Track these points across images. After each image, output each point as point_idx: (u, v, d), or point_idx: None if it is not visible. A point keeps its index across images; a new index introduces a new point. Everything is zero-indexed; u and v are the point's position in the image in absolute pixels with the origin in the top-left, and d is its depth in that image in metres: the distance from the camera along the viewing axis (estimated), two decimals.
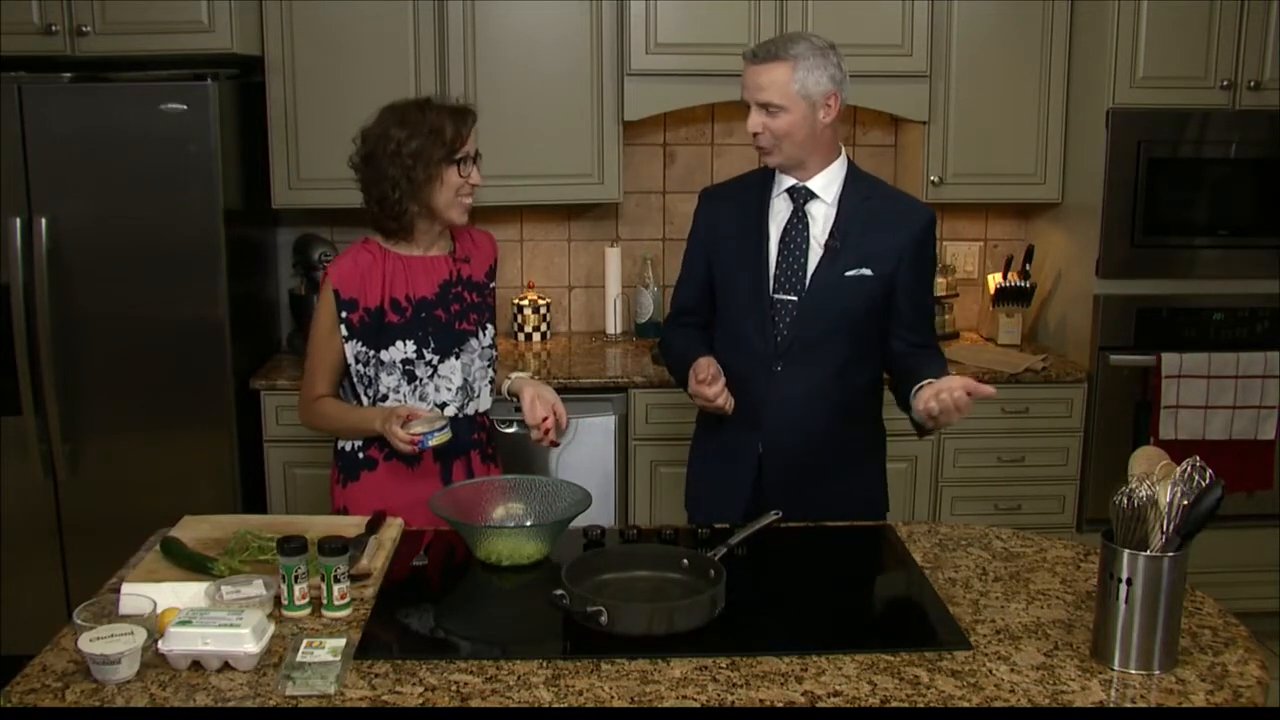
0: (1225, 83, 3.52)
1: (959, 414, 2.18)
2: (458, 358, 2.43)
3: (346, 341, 2.37)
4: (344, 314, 2.36)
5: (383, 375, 2.39)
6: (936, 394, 2.18)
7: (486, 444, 2.54)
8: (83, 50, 3.34)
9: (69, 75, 3.30)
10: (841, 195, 2.38)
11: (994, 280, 4.01)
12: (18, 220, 3.24)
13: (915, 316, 2.41)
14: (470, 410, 2.47)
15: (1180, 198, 3.59)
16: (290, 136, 3.59)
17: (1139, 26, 3.49)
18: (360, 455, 2.44)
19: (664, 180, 4.07)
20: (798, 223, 2.39)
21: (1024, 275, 3.94)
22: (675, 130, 4.04)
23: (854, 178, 2.41)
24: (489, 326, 2.50)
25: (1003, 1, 3.66)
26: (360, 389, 2.41)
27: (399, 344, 2.38)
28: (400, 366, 2.39)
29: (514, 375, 2.54)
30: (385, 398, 2.40)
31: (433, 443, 2.28)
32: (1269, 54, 3.50)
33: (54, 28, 3.30)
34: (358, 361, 2.38)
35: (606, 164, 3.71)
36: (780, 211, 2.41)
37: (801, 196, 2.39)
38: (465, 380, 2.44)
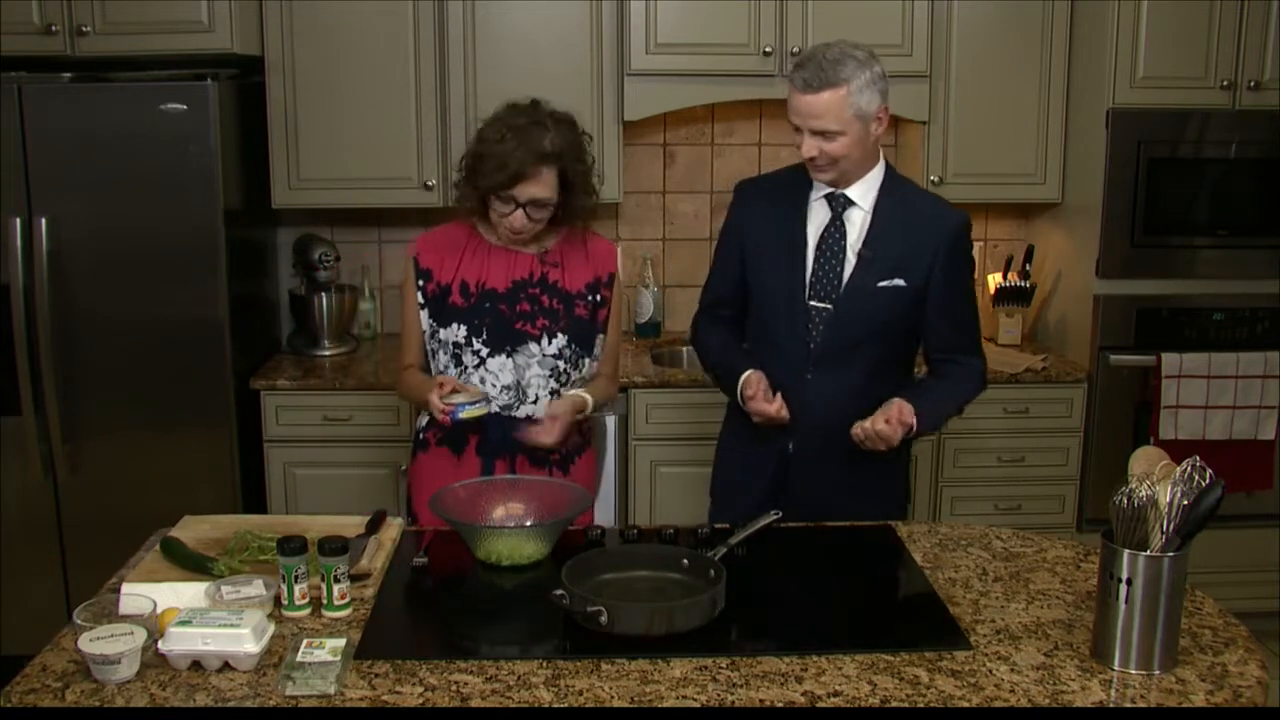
0: (1225, 83, 3.52)
1: (883, 443, 2.25)
2: (510, 356, 2.41)
3: (421, 309, 2.44)
4: (420, 282, 2.43)
5: (440, 354, 2.44)
6: (863, 422, 2.26)
7: (549, 450, 2.44)
8: (83, 50, 3.33)
9: (69, 75, 3.30)
10: (877, 202, 2.36)
11: (994, 280, 4.01)
12: (18, 220, 3.24)
13: (944, 326, 2.39)
14: (521, 413, 2.43)
15: (1180, 198, 3.59)
16: (290, 136, 3.59)
17: (1139, 26, 3.48)
18: (420, 436, 2.52)
19: (664, 180, 4.07)
20: (834, 230, 2.36)
21: (1024, 275, 3.94)
22: (675, 130, 4.04)
23: (890, 183, 2.38)
24: (560, 336, 2.42)
25: (1003, 1, 3.66)
26: (432, 362, 2.48)
27: (454, 326, 2.42)
28: (451, 349, 2.42)
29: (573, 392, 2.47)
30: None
31: (463, 415, 2.31)
32: (1269, 54, 3.50)
33: (54, 28, 3.30)
34: (426, 332, 2.45)
35: (606, 164, 3.70)
36: (818, 216, 2.38)
37: (840, 204, 2.37)
38: (517, 381, 2.42)
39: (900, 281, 2.33)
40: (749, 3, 3.57)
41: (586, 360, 2.48)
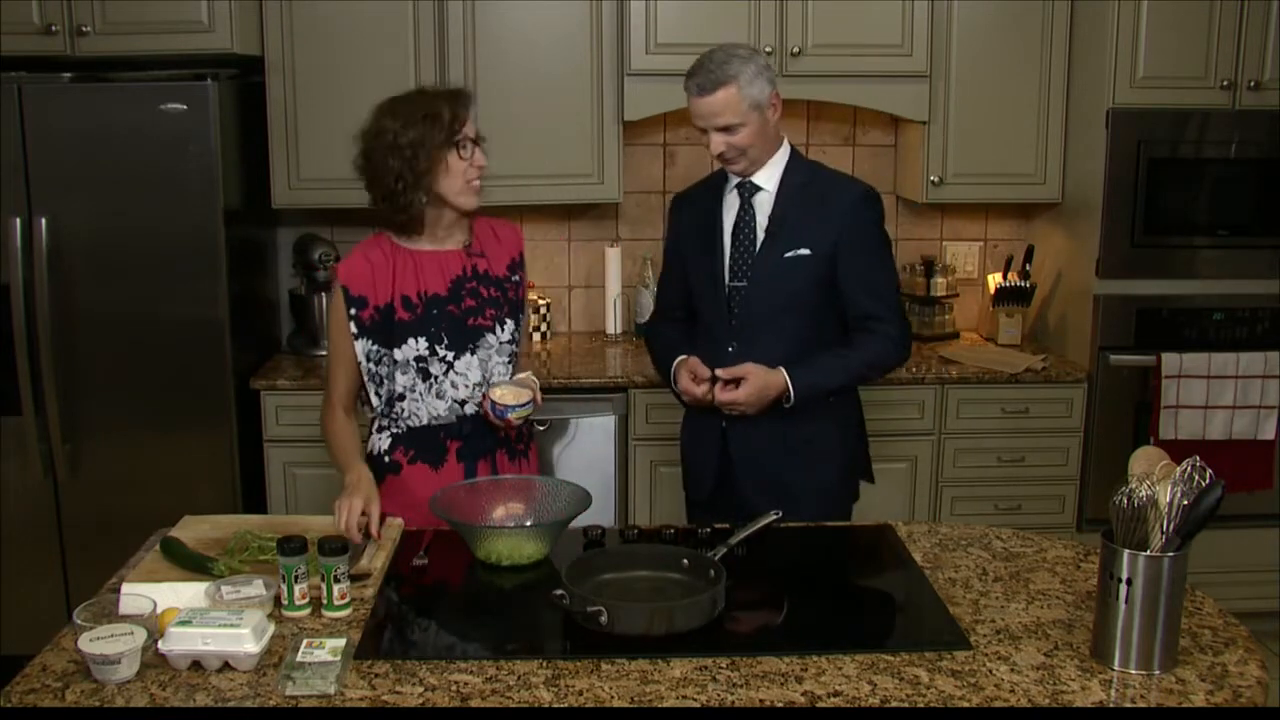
0: (1225, 83, 3.52)
1: (736, 408, 2.45)
2: (473, 353, 2.40)
3: (356, 339, 2.35)
4: (353, 311, 2.34)
5: (397, 374, 2.37)
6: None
7: (516, 441, 2.50)
8: (83, 50, 3.34)
9: (69, 75, 3.30)
10: (782, 183, 2.52)
11: (994, 280, 4.01)
12: (18, 220, 3.24)
13: (857, 292, 2.50)
14: None
15: (1180, 198, 3.59)
16: (290, 136, 3.59)
17: (1139, 26, 3.48)
18: (386, 459, 2.42)
19: (664, 180, 4.07)
20: (745, 214, 2.54)
21: (1024, 275, 3.94)
22: (675, 130, 4.04)
23: (794, 166, 2.54)
24: (508, 321, 2.45)
25: (1003, 1, 3.66)
26: (371, 388, 2.39)
27: (411, 341, 2.36)
28: (414, 364, 2.37)
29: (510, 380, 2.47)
30: (401, 396, 2.38)
31: (512, 416, 2.32)
32: (1269, 54, 3.50)
33: (54, 28, 3.30)
34: (369, 360, 2.36)
35: (606, 164, 3.71)
36: (732, 206, 2.56)
37: (748, 190, 2.54)
38: (484, 376, 2.41)
39: (805, 251, 2.47)
40: (749, 3, 3.57)
41: (521, 340, 2.54)
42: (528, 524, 2.17)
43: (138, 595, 1.78)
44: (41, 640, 1.81)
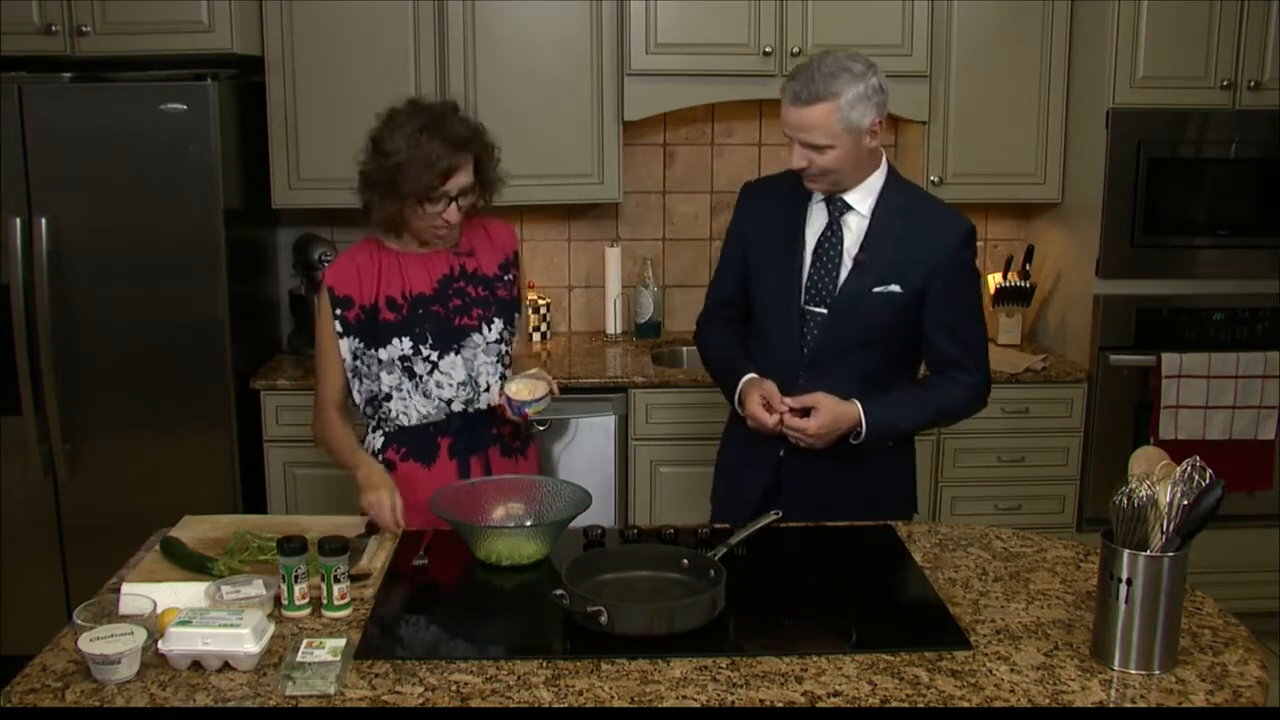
0: (1225, 83, 3.52)
1: (803, 439, 2.27)
2: (458, 353, 2.40)
3: (341, 338, 2.36)
4: (338, 311, 2.36)
5: (382, 374, 2.38)
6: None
7: (510, 438, 2.51)
8: (83, 50, 3.34)
9: (69, 75, 3.30)
10: (876, 208, 2.32)
11: (994, 280, 4.01)
12: (18, 220, 3.24)
13: (941, 337, 2.33)
14: (483, 404, 2.44)
15: (1180, 198, 3.59)
16: (290, 136, 3.59)
17: (1139, 26, 3.48)
18: (380, 458, 2.42)
19: (664, 180, 4.07)
20: (832, 235, 2.34)
21: (1024, 275, 3.94)
22: (675, 130, 4.04)
23: (892, 188, 2.34)
24: (496, 320, 2.45)
25: (1003, 1, 3.66)
26: (355, 386, 2.40)
27: (395, 341, 2.37)
28: (399, 364, 2.37)
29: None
30: (389, 396, 2.39)
31: (529, 411, 2.32)
32: (1269, 54, 3.50)
33: (54, 28, 3.30)
34: (354, 358, 2.38)
35: (606, 164, 3.71)
36: (817, 220, 2.36)
37: (838, 208, 2.34)
38: (469, 375, 2.42)
39: (895, 288, 2.29)
40: (749, 3, 3.57)
41: (514, 339, 2.51)
42: (528, 524, 2.17)
43: (138, 595, 1.78)
44: (41, 640, 1.81)
